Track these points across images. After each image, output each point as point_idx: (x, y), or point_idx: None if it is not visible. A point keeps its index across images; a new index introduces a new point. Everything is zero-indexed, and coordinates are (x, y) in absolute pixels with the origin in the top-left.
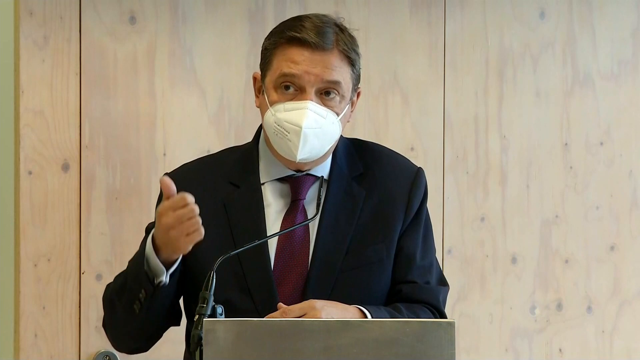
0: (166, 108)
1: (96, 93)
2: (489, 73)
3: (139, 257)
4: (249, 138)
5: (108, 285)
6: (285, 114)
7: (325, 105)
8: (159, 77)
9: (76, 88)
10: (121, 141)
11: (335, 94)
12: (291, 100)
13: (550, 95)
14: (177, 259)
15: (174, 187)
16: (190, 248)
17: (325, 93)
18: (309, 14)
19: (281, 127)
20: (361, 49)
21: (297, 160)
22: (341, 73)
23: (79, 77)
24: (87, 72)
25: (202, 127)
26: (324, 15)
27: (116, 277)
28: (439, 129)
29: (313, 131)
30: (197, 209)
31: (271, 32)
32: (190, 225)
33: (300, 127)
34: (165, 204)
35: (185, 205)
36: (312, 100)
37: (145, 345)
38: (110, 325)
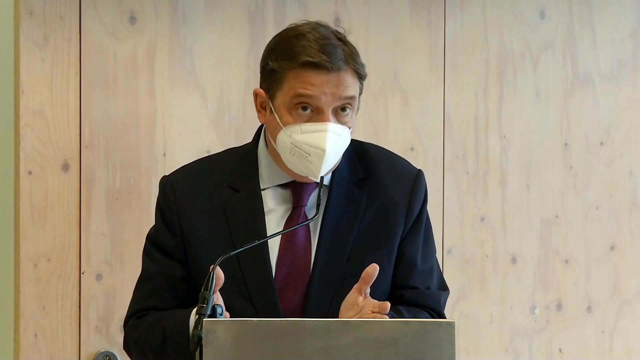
0: (166, 108)
1: (96, 93)
2: (489, 73)
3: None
4: (249, 138)
5: (137, 330)
6: (304, 136)
7: (340, 122)
8: (159, 77)
9: (76, 88)
10: (121, 141)
11: (350, 109)
12: (307, 121)
13: (550, 95)
14: None
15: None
16: None
17: (342, 109)
18: (306, 29)
19: (300, 148)
20: (361, 49)
21: (317, 180)
22: (354, 88)
23: (79, 77)
24: (87, 72)
25: (202, 127)
26: (319, 25)
27: (150, 327)
28: (439, 129)
29: (333, 150)
30: None
31: (274, 49)
32: None
33: (324, 151)
34: None
35: None
36: (331, 122)
37: None
38: None
